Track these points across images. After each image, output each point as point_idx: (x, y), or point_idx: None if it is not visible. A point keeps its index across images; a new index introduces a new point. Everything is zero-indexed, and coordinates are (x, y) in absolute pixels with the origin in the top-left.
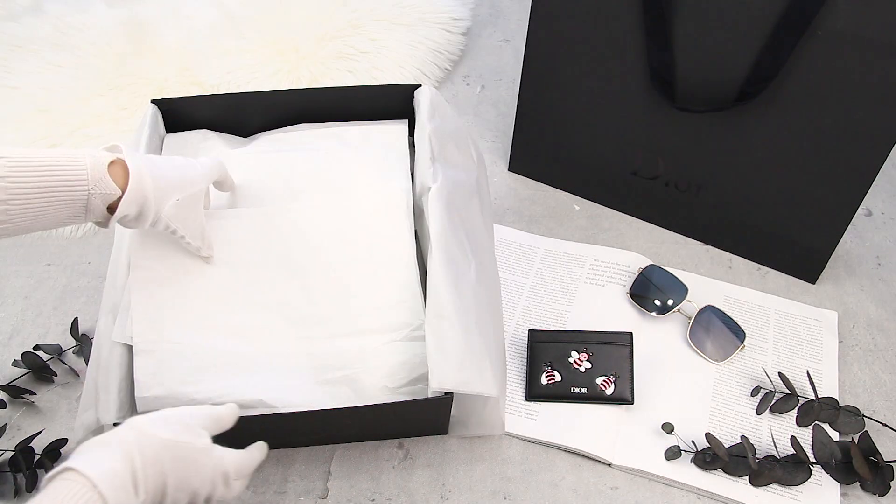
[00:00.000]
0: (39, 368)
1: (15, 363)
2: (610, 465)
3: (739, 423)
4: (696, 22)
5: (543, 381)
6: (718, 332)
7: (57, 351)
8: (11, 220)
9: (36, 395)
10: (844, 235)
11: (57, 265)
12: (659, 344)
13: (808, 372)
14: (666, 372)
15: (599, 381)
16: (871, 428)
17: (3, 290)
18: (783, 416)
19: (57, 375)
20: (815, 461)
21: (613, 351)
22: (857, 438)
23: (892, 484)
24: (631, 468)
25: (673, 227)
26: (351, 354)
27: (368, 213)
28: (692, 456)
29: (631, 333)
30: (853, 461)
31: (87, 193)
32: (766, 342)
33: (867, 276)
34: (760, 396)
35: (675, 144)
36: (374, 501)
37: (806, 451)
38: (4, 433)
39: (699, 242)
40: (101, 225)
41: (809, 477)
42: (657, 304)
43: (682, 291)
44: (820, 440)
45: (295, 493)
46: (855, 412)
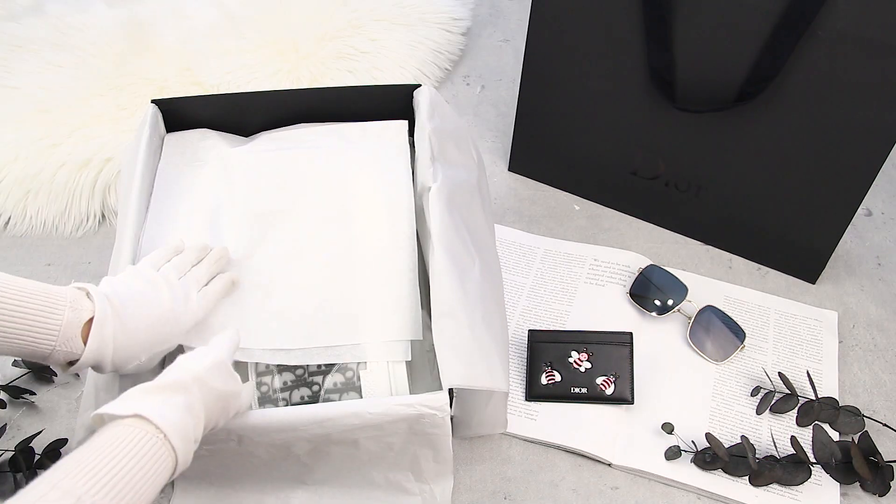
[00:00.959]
0: (39, 368)
1: (15, 363)
2: (610, 465)
3: (739, 423)
4: (696, 22)
5: (543, 381)
6: (718, 332)
7: None
8: None
9: (36, 395)
10: (844, 235)
11: (57, 265)
12: (659, 344)
13: (808, 372)
14: (666, 372)
15: (599, 381)
16: (871, 428)
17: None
18: (783, 416)
19: (57, 375)
20: (815, 461)
21: (613, 351)
22: (857, 438)
23: (892, 484)
24: (631, 468)
25: (673, 227)
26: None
27: (372, 227)
28: (692, 456)
29: (631, 333)
30: (853, 461)
31: (51, 349)
32: (766, 342)
33: (867, 276)
34: (760, 396)
35: (675, 144)
36: None
37: (806, 451)
38: (4, 433)
39: (699, 242)
40: (61, 370)
41: (809, 477)
42: (657, 304)
43: (682, 291)
44: (820, 440)
45: None
46: (855, 412)
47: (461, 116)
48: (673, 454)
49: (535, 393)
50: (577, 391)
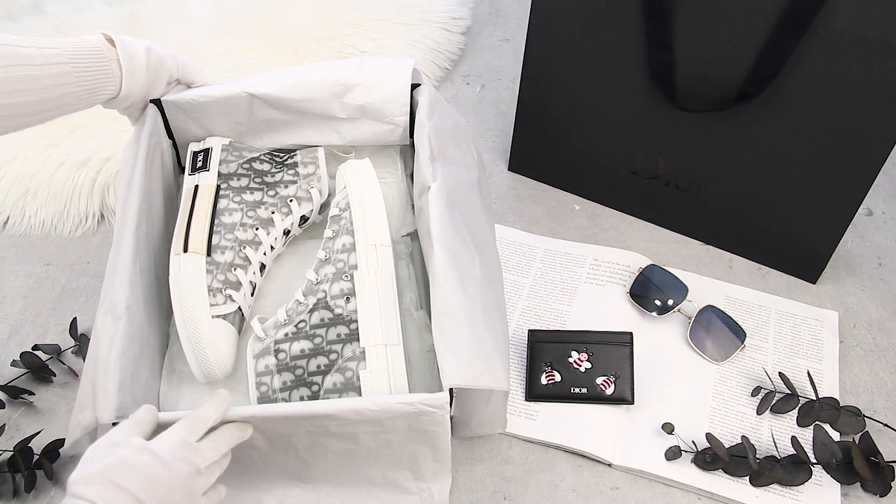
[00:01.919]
0: (38, 368)
1: (14, 363)
2: (610, 465)
3: (740, 423)
4: (696, 21)
5: (543, 381)
6: (719, 331)
7: (56, 351)
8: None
9: (35, 395)
10: (845, 235)
11: (56, 265)
12: (659, 344)
13: (808, 372)
14: (666, 372)
15: (599, 381)
16: (871, 428)
17: (1, 289)
18: (784, 416)
19: (56, 375)
20: (815, 461)
21: (613, 351)
22: (857, 439)
23: (892, 484)
24: (631, 468)
25: (673, 226)
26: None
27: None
28: (692, 456)
29: (631, 333)
30: (854, 461)
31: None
32: (766, 342)
33: (868, 275)
34: (761, 396)
35: (675, 144)
36: None
37: (807, 451)
38: (3, 433)
39: (699, 242)
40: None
41: (810, 477)
42: (657, 303)
43: (682, 291)
44: (821, 440)
45: None
46: (856, 412)
47: (461, 116)
48: (673, 454)
49: (535, 393)
50: (577, 391)
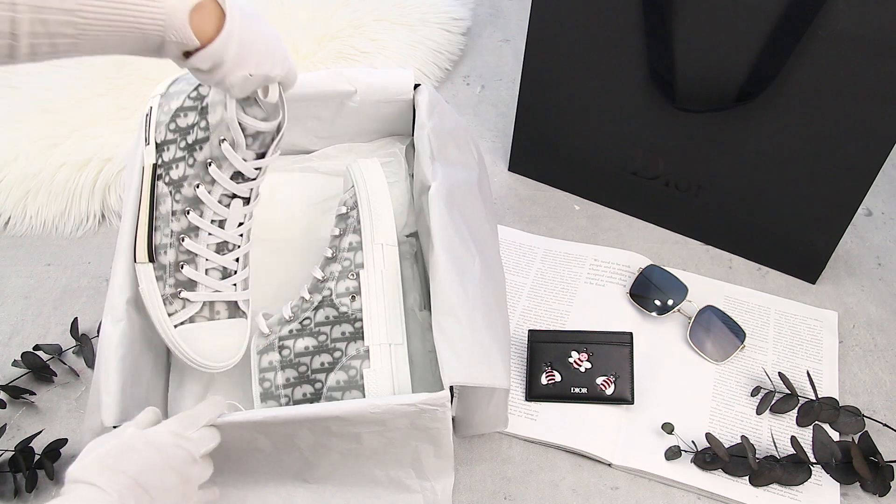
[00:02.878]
0: (39, 368)
1: (15, 363)
2: (610, 465)
3: (739, 423)
4: (696, 22)
5: (543, 381)
6: (718, 332)
7: (57, 351)
8: (81, 50)
9: (36, 395)
10: (844, 235)
11: (57, 265)
12: (659, 344)
13: (808, 372)
14: (666, 372)
15: (599, 381)
16: (871, 428)
17: (3, 290)
18: (783, 416)
19: (57, 375)
20: (815, 461)
21: (613, 351)
22: (857, 438)
23: (892, 484)
24: (631, 468)
25: (673, 227)
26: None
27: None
28: (692, 456)
29: (631, 333)
30: (853, 461)
31: (161, 39)
32: (766, 342)
33: (867, 276)
34: (760, 396)
35: (675, 144)
36: None
37: (806, 451)
38: (4, 433)
39: (699, 242)
40: (178, 64)
41: (809, 477)
42: (657, 304)
43: (682, 291)
44: (820, 440)
45: None
46: (855, 412)
47: (461, 116)
48: (673, 454)
49: (535, 393)
50: (577, 391)
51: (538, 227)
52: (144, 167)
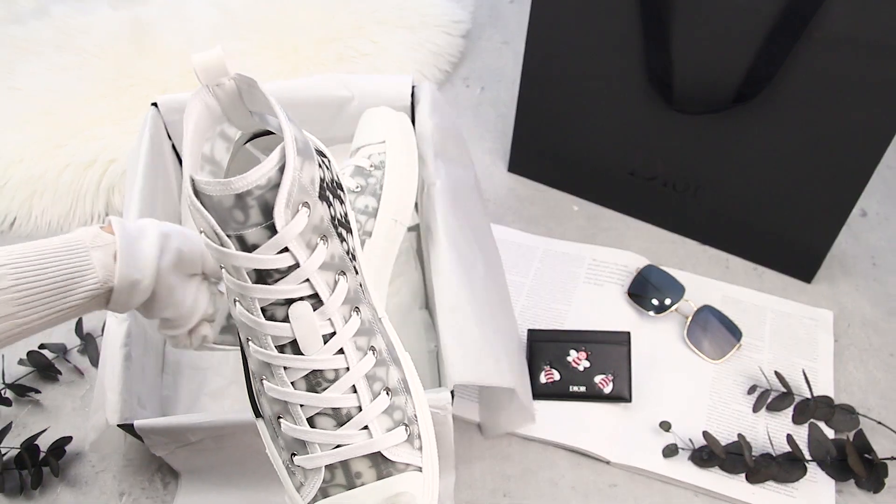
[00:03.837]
0: (44, 367)
1: (20, 362)
2: (608, 462)
3: (736, 421)
4: (693, 24)
5: (542, 379)
6: (715, 331)
7: (62, 350)
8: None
9: (41, 393)
10: (840, 235)
11: None
12: (657, 343)
13: (803, 370)
14: (663, 371)
15: (598, 379)
16: (865, 426)
17: None
18: (779, 414)
19: (62, 374)
20: (810, 458)
21: (612, 350)
22: (851, 436)
23: (886, 481)
24: (629, 466)
25: (671, 227)
26: None
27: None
28: (689, 453)
29: (629, 333)
30: (848, 459)
31: (101, 291)
32: (762, 341)
33: (862, 275)
34: (757, 395)
35: (672, 145)
36: None
37: (802, 448)
38: (10, 431)
39: (696, 242)
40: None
41: (805, 474)
42: (655, 303)
43: (679, 291)
44: (815, 438)
45: None
46: (850, 410)
47: (461, 118)
48: (670, 452)
49: (534, 392)
50: (575, 390)
51: (537, 227)
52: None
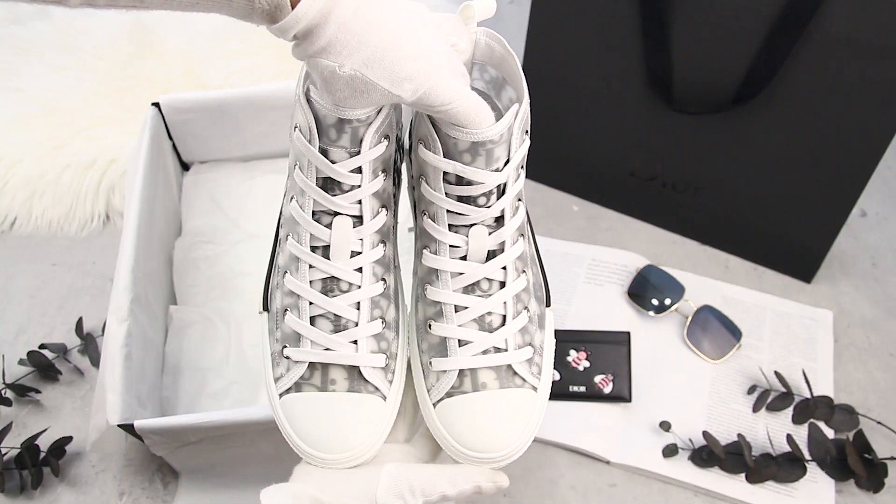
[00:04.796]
0: (45, 367)
1: (21, 362)
2: (608, 462)
3: (736, 421)
4: (693, 25)
5: None
6: (715, 331)
7: (62, 350)
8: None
9: (41, 393)
10: (839, 235)
11: (62, 265)
12: (656, 343)
13: (803, 370)
14: (663, 371)
15: (598, 379)
16: (865, 426)
17: (9, 289)
18: (779, 413)
19: (62, 374)
20: (810, 458)
21: (611, 350)
22: (851, 436)
23: (885, 481)
24: (629, 466)
25: (670, 227)
26: None
27: None
28: (689, 453)
29: (629, 333)
30: (848, 459)
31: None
32: (762, 341)
33: (862, 275)
34: (757, 395)
35: (672, 146)
36: None
37: (801, 448)
38: (10, 431)
39: (696, 242)
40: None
41: (805, 474)
42: (655, 303)
43: (679, 291)
44: (815, 438)
45: None
46: (850, 410)
47: None
48: (670, 452)
49: None
50: (575, 390)
51: (537, 227)
52: None
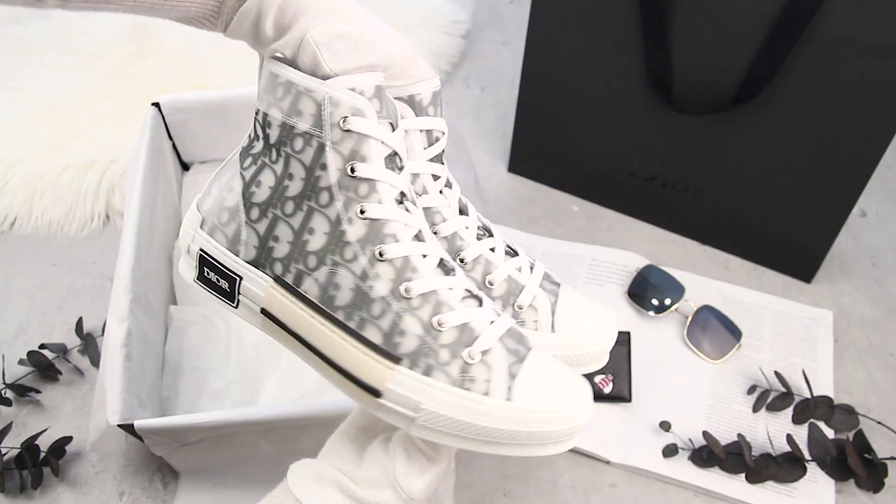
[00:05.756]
0: (45, 367)
1: (21, 362)
2: (608, 462)
3: (736, 421)
4: (693, 25)
5: None
6: (715, 331)
7: (62, 350)
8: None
9: (41, 393)
10: (839, 235)
11: (62, 265)
12: (657, 343)
13: (803, 370)
14: (663, 371)
15: (598, 379)
16: (865, 426)
17: (9, 289)
18: (779, 413)
19: (62, 374)
20: (810, 459)
21: (611, 350)
22: (851, 436)
23: (885, 481)
24: (629, 466)
25: (670, 227)
26: None
27: None
28: (689, 453)
29: (629, 333)
30: (848, 459)
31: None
32: (762, 341)
33: (862, 275)
34: (757, 395)
35: (672, 146)
36: None
37: (801, 448)
38: (10, 431)
39: (696, 242)
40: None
41: (805, 474)
42: (655, 303)
43: (679, 291)
44: (815, 438)
45: None
46: (850, 410)
47: (461, 118)
48: (670, 452)
49: None
50: None
51: (537, 227)
52: None
